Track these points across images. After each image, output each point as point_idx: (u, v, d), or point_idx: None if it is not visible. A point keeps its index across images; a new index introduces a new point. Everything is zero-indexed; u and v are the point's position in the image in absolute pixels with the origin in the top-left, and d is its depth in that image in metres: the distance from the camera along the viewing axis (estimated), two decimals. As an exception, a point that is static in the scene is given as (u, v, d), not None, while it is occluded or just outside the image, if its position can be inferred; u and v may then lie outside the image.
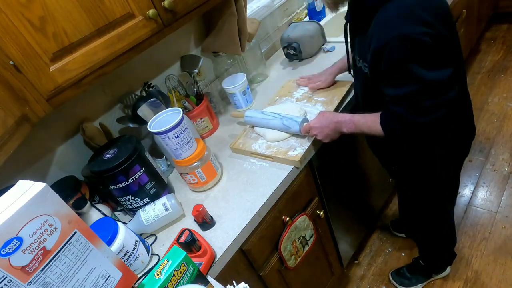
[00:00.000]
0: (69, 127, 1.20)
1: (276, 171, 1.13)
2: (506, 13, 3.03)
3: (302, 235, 1.23)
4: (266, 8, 1.79)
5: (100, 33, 0.88)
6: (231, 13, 1.38)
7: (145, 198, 1.10)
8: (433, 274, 1.64)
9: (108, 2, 0.87)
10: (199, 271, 0.80)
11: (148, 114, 1.16)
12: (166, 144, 1.06)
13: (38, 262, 0.61)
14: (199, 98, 1.40)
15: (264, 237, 1.10)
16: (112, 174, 1.02)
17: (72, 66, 0.85)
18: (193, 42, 1.53)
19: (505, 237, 1.71)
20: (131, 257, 0.92)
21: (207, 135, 1.44)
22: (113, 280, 0.74)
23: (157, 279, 0.72)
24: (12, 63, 0.76)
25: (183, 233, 0.89)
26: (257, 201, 1.05)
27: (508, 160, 2.05)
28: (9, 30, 0.74)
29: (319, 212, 1.30)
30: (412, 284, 1.65)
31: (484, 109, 2.40)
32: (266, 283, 1.18)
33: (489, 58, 2.80)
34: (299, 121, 1.16)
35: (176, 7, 1.00)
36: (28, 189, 0.60)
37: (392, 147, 1.16)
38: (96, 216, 1.05)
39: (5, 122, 0.74)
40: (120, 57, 0.94)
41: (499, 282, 1.57)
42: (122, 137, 1.13)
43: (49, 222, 0.61)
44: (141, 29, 0.95)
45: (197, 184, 1.14)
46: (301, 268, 1.30)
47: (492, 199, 1.89)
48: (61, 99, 0.87)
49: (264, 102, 1.46)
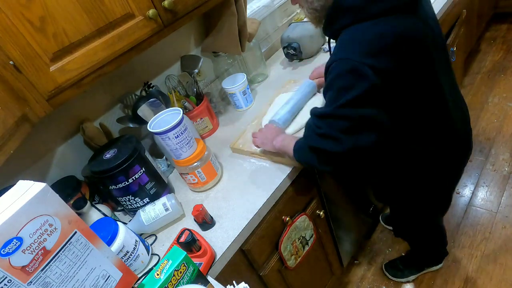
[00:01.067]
0: (69, 127, 1.20)
1: (276, 171, 1.13)
2: (506, 13, 3.03)
3: (302, 235, 1.23)
4: (266, 8, 1.79)
5: (100, 33, 0.88)
6: (231, 13, 1.38)
7: (145, 198, 1.10)
8: (425, 267, 1.67)
9: (108, 2, 0.87)
10: (199, 271, 0.79)
11: (148, 114, 1.16)
12: (166, 144, 1.06)
13: (38, 262, 0.61)
14: (199, 98, 1.40)
15: (264, 237, 1.10)
16: (112, 174, 1.02)
17: (72, 66, 0.85)
18: (193, 42, 1.53)
19: (505, 237, 1.71)
20: (131, 257, 0.92)
21: (207, 135, 1.44)
22: (113, 280, 0.74)
23: (157, 279, 0.72)
24: (12, 63, 0.76)
25: (183, 233, 0.89)
26: (257, 201, 1.05)
27: (508, 160, 2.05)
28: (9, 30, 0.74)
29: (319, 212, 1.30)
30: (404, 276, 1.68)
31: (484, 109, 2.40)
32: (266, 283, 1.18)
33: (489, 58, 2.80)
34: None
35: (176, 7, 1.00)
36: (28, 189, 0.60)
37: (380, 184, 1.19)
38: (96, 216, 1.05)
39: (5, 122, 0.74)
40: (120, 57, 0.94)
41: (499, 282, 1.57)
42: (122, 137, 1.13)
43: (49, 222, 0.61)
44: (141, 29, 0.95)
45: (197, 184, 1.14)
46: (301, 268, 1.30)
47: (492, 199, 1.89)
48: (61, 99, 0.87)
49: (265, 102, 1.46)
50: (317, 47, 1.69)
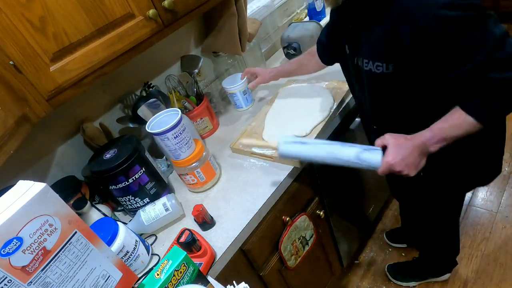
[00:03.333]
0: (69, 127, 1.20)
1: (276, 171, 1.13)
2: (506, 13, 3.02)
3: (302, 235, 1.23)
4: (266, 8, 1.79)
5: (100, 33, 0.88)
6: (231, 13, 1.38)
7: (145, 198, 1.10)
8: (429, 277, 1.64)
9: (108, 2, 0.87)
10: (199, 271, 0.79)
11: (148, 115, 1.16)
12: (165, 144, 1.06)
13: (38, 262, 0.61)
14: (199, 98, 1.40)
15: (264, 237, 1.10)
16: (112, 174, 1.02)
17: (72, 66, 0.85)
18: (193, 42, 1.53)
19: (505, 237, 1.71)
20: (131, 257, 0.92)
21: (207, 135, 1.44)
22: (113, 280, 0.74)
23: (157, 279, 0.72)
24: (12, 63, 0.76)
25: (183, 233, 0.89)
26: (257, 201, 1.05)
27: (508, 160, 2.05)
28: (9, 30, 0.74)
29: (319, 212, 1.30)
30: (405, 281, 1.66)
31: (484, 109, 2.40)
32: (266, 283, 1.17)
33: (489, 58, 2.80)
34: (380, 155, 0.87)
35: (176, 7, 1.00)
36: (28, 189, 0.60)
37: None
38: (96, 216, 1.05)
39: (5, 122, 0.74)
40: (120, 57, 0.94)
41: (499, 282, 1.57)
42: (122, 137, 1.13)
43: (49, 222, 0.61)
44: (141, 29, 0.95)
45: (196, 184, 1.14)
46: (301, 268, 1.30)
47: (492, 199, 1.89)
48: (61, 99, 0.87)
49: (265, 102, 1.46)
50: (317, 47, 1.69)
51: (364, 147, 0.90)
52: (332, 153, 0.91)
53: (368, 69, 0.88)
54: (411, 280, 1.65)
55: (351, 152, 0.90)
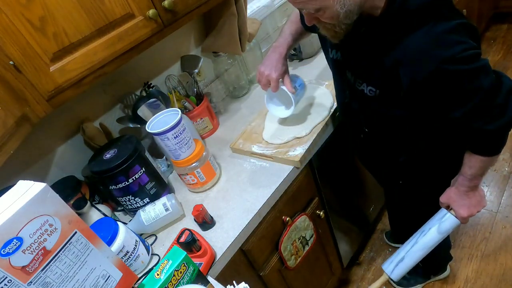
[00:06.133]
0: (69, 127, 1.20)
1: (276, 171, 1.13)
2: (506, 13, 3.02)
3: (302, 235, 1.23)
4: (266, 8, 1.79)
5: (100, 33, 0.88)
6: (231, 13, 1.38)
7: (145, 198, 1.10)
8: (432, 276, 1.64)
9: (108, 2, 0.87)
10: (199, 271, 0.79)
11: (148, 115, 1.16)
12: (165, 144, 1.06)
13: (38, 262, 0.61)
14: (199, 98, 1.40)
15: (264, 237, 1.10)
16: (112, 174, 1.02)
17: (72, 66, 0.85)
18: (193, 42, 1.53)
19: (505, 237, 1.71)
20: (131, 257, 0.92)
21: (207, 135, 1.44)
22: (113, 280, 0.74)
23: (157, 279, 0.72)
24: (12, 63, 0.76)
25: (183, 233, 0.89)
26: (257, 201, 1.05)
27: (508, 160, 2.05)
28: (9, 30, 0.74)
29: (319, 212, 1.30)
30: (410, 285, 1.65)
31: (484, 109, 2.40)
32: (266, 283, 1.18)
33: (489, 58, 2.77)
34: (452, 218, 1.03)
35: (176, 7, 1.00)
36: (28, 189, 0.60)
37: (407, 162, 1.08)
38: (96, 216, 1.05)
39: (5, 122, 0.74)
40: (120, 57, 0.94)
41: (499, 282, 1.57)
42: (122, 137, 1.13)
43: (49, 222, 0.61)
44: (141, 29, 0.95)
45: (196, 184, 1.14)
46: (302, 268, 1.30)
47: (492, 199, 1.89)
48: (61, 99, 0.87)
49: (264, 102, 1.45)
50: (317, 47, 1.69)
51: (434, 221, 1.06)
52: (425, 248, 1.08)
53: (361, 89, 0.92)
54: (415, 282, 1.65)
55: (433, 234, 1.06)
